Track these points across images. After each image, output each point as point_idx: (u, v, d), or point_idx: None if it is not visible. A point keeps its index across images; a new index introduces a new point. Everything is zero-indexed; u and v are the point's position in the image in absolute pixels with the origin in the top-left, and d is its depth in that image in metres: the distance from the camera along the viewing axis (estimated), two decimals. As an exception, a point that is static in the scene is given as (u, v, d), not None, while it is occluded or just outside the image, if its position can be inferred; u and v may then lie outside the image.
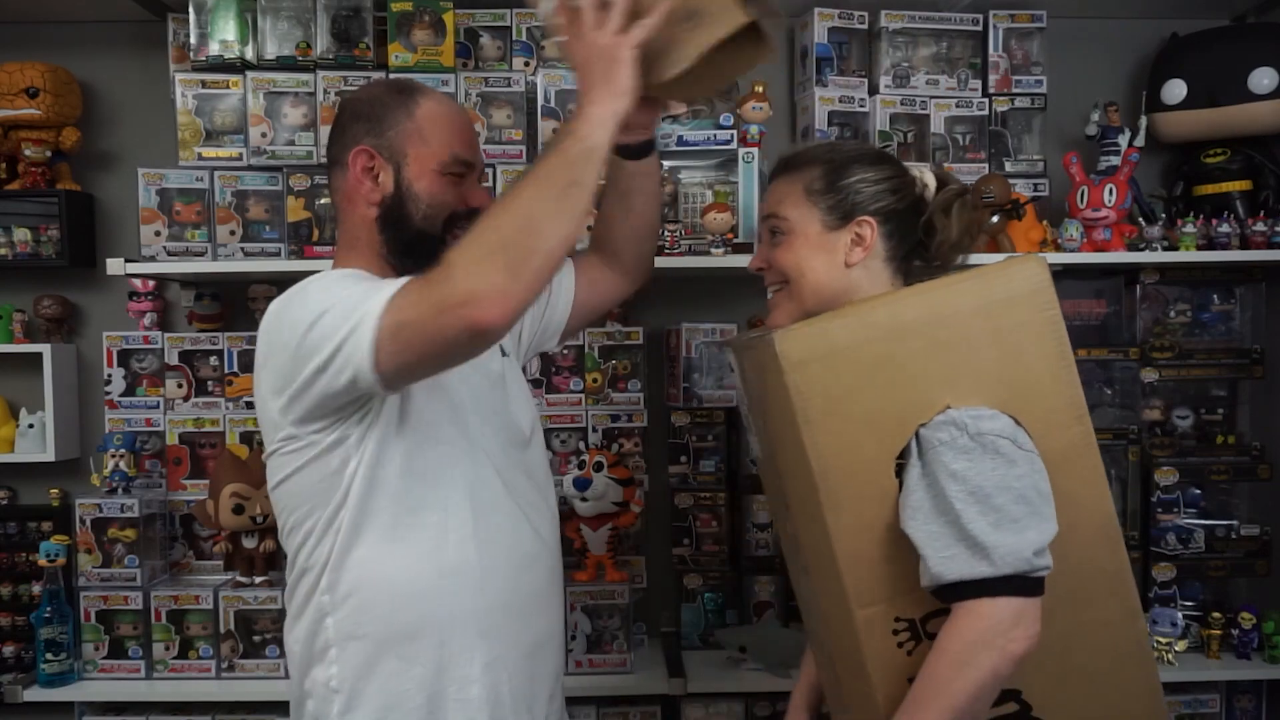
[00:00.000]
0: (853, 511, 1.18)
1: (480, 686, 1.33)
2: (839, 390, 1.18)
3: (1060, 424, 1.21)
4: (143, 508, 2.09)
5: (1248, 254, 2.14)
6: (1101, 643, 1.24)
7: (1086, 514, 1.22)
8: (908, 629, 1.19)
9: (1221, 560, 2.19)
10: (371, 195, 1.36)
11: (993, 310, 1.19)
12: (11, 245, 2.22)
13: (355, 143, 1.36)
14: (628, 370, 2.21)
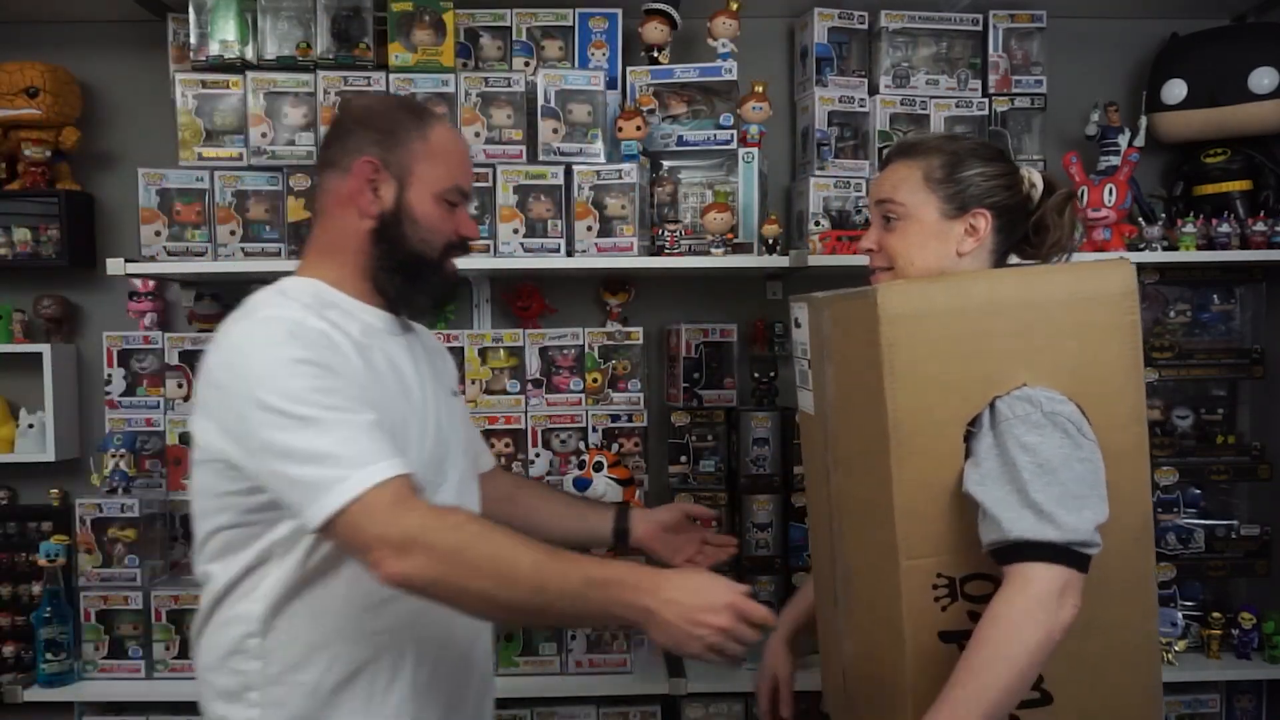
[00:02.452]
0: (917, 467, 1.23)
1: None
2: (926, 350, 1.23)
3: (1121, 424, 1.26)
4: (143, 508, 2.09)
5: (1248, 254, 2.14)
6: (1117, 638, 1.27)
7: (1129, 513, 1.26)
8: (947, 586, 1.24)
9: (1221, 560, 2.19)
10: (369, 207, 1.34)
11: (1080, 304, 1.26)
12: (11, 245, 2.22)
13: (360, 151, 1.34)
14: (628, 370, 2.21)
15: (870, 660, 1.35)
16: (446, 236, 1.37)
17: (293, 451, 1.17)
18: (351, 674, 1.29)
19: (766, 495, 2.21)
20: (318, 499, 1.15)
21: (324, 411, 1.18)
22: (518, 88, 2.12)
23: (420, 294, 1.40)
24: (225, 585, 1.29)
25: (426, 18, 2.11)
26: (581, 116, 2.14)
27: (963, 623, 1.23)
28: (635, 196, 2.08)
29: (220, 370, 1.25)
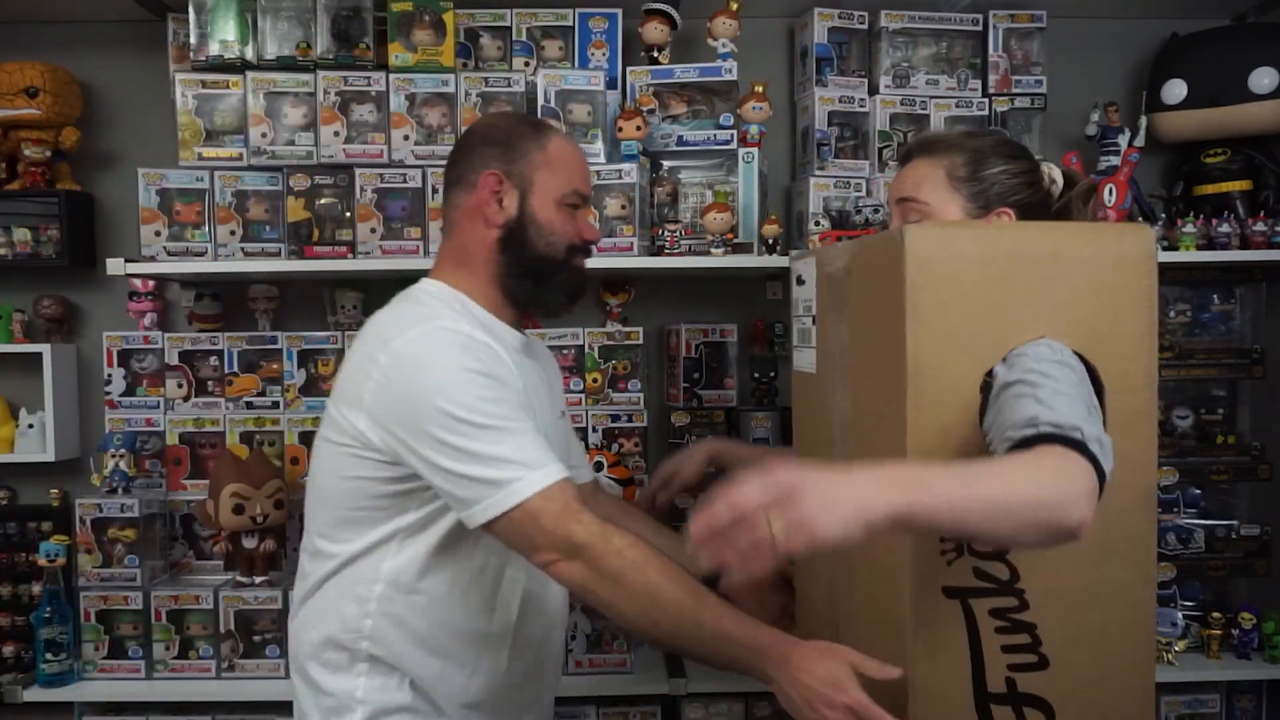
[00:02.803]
0: (932, 414, 1.22)
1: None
2: (950, 295, 1.21)
3: (1132, 386, 1.26)
4: (143, 508, 2.09)
5: (1248, 254, 2.14)
6: (1117, 603, 1.27)
7: (1134, 476, 1.25)
8: (953, 542, 1.23)
9: (1221, 560, 2.19)
10: (495, 217, 1.43)
11: (1103, 264, 1.25)
12: (11, 245, 2.22)
13: (485, 165, 1.44)
14: (628, 370, 2.21)
15: (868, 620, 1.35)
16: (569, 239, 1.47)
17: (470, 454, 1.26)
18: (445, 664, 1.39)
19: (766, 495, 2.20)
20: (490, 496, 1.25)
21: (497, 420, 1.28)
22: (518, 88, 2.12)
23: (549, 295, 1.49)
24: (340, 562, 1.38)
25: (426, 18, 2.11)
26: (581, 116, 2.14)
27: (967, 579, 1.23)
28: (635, 196, 2.08)
29: (392, 371, 1.31)
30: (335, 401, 1.39)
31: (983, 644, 1.23)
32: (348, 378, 1.38)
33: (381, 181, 2.08)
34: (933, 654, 1.23)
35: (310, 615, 1.42)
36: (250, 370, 2.21)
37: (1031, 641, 1.24)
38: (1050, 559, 1.23)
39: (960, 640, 1.23)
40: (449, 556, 1.37)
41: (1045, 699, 1.25)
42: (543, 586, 1.49)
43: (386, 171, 2.09)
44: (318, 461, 1.42)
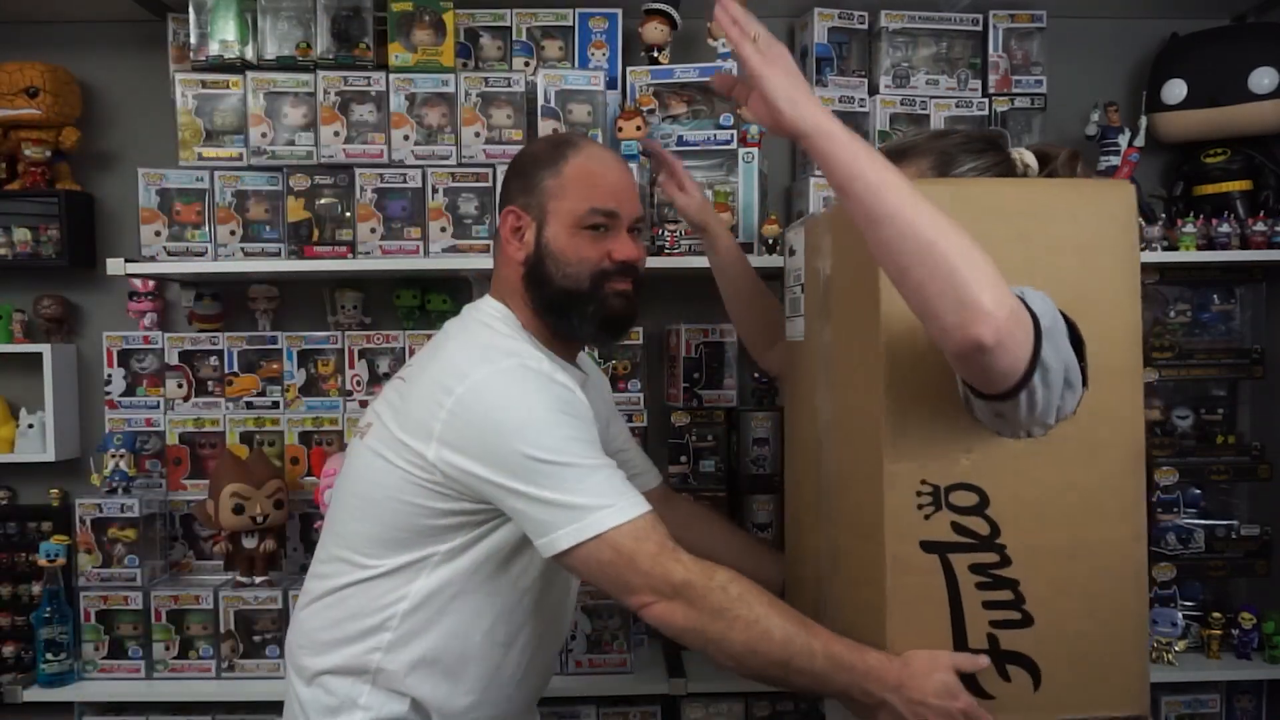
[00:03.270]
0: (908, 370, 1.22)
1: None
2: None
3: (1117, 343, 1.25)
4: (143, 508, 2.09)
5: (1248, 254, 2.14)
6: (1105, 562, 1.26)
7: (1121, 435, 1.25)
8: (931, 494, 1.22)
9: (1221, 560, 2.19)
10: (517, 254, 1.41)
11: (1082, 219, 1.25)
12: (11, 245, 2.22)
13: (508, 200, 1.43)
14: (628, 370, 2.21)
15: (849, 581, 1.34)
16: (593, 264, 1.39)
17: (554, 488, 1.23)
18: (453, 688, 1.38)
19: (766, 495, 2.21)
20: (573, 523, 1.23)
21: (580, 459, 1.26)
22: (518, 88, 2.12)
23: (577, 325, 1.42)
24: (371, 575, 1.35)
25: (426, 18, 2.11)
26: (581, 116, 2.14)
27: (945, 533, 1.22)
28: (635, 196, 2.08)
29: (471, 406, 1.28)
30: (393, 421, 1.34)
31: (963, 600, 1.22)
32: (416, 402, 1.33)
33: (381, 181, 2.08)
34: (911, 609, 1.22)
35: (325, 616, 1.39)
36: (250, 370, 2.21)
37: (1014, 598, 1.23)
38: (1030, 514, 1.23)
39: (940, 596, 1.22)
40: (485, 586, 1.36)
41: (1030, 657, 1.24)
42: (562, 624, 1.50)
43: (386, 171, 2.09)
44: (360, 471, 1.38)
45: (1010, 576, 1.23)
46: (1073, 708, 1.27)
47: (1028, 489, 1.23)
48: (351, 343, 2.18)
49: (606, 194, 1.40)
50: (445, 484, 1.29)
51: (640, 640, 2.17)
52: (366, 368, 2.18)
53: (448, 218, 2.08)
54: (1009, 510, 1.23)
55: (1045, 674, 1.24)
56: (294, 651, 1.45)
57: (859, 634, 1.28)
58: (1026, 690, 1.24)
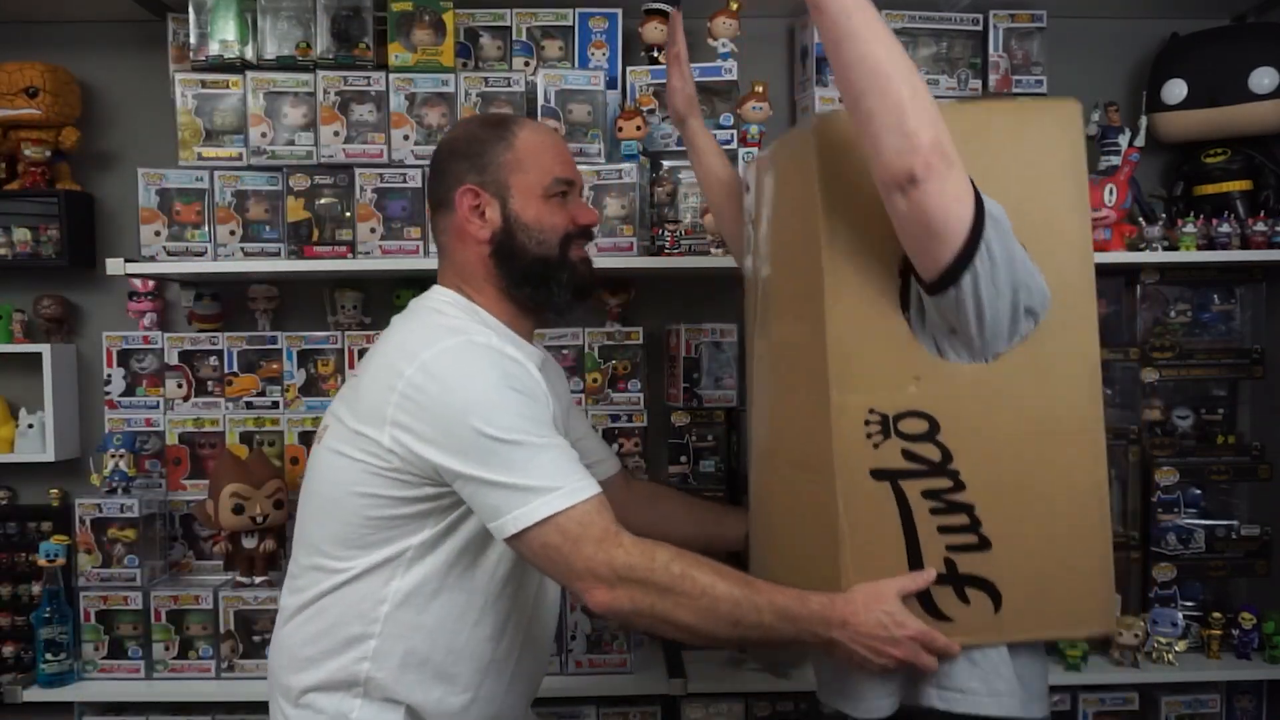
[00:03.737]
0: (850, 301, 1.23)
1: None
2: (860, 177, 1.20)
3: (1067, 262, 1.25)
4: (143, 508, 2.09)
5: (1248, 254, 2.14)
6: (1064, 481, 1.26)
7: (1072, 353, 1.26)
8: (880, 423, 1.23)
9: (1221, 560, 2.19)
10: (481, 232, 1.40)
11: (1026, 137, 1.25)
12: (11, 245, 2.22)
13: (459, 182, 1.40)
14: (628, 370, 2.21)
15: (804, 517, 1.34)
16: (561, 230, 1.42)
17: (505, 469, 1.23)
18: (447, 690, 1.36)
19: (766, 495, 2.21)
20: (522, 506, 1.22)
21: (531, 437, 1.25)
22: (518, 88, 2.12)
23: (557, 295, 1.44)
24: (344, 579, 1.34)
25: (426, 18, 2.11)
26: (581, 116, 2.14)
27: (896, 460, 1.22)
28: (635, 196, 2.08)
29: (422, 386, 1.27)
30: (348, 415, 1.34)
31: (917, 526, 1.23)
32: (365, 392, 1.33)
33: (381, 181, 2.08)
34: (865, 539, 1.23)
35: (306, 630, 1.37)
36: (250, 370, 2.21)
37: (970, 522, 1.23)
38: (984, 438, 1.23)
39: (893, 524, 1.23)
40: (463, 579, 1.35)
41: (989, 580, 1.24)
42: (547, 613, 1.49)
43: (386, 171, 2.09)
44: (320, 473, 1.38)
45: (965, 501, 1.23)
46: (1035, 628, 1.27)
47: (979, 413, 1.23)
48: (351, 343, 2.18)
49: (563, 164, 1.44)
50: (403, 469, 1.28)
51: (640, 640, 2.17)
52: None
53: (448, 218, 2.08)
54: (961, 435, 1.23)
55: (1005, 596, 1.24)
56: (277, 672, 1.41)
57: (816, 569, 1.28)
58: (986, 612, 1.25)
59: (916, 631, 1.22)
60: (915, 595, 1.23)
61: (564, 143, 1.51)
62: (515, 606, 1.41)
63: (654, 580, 1.22)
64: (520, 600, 1.41)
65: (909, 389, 1.22)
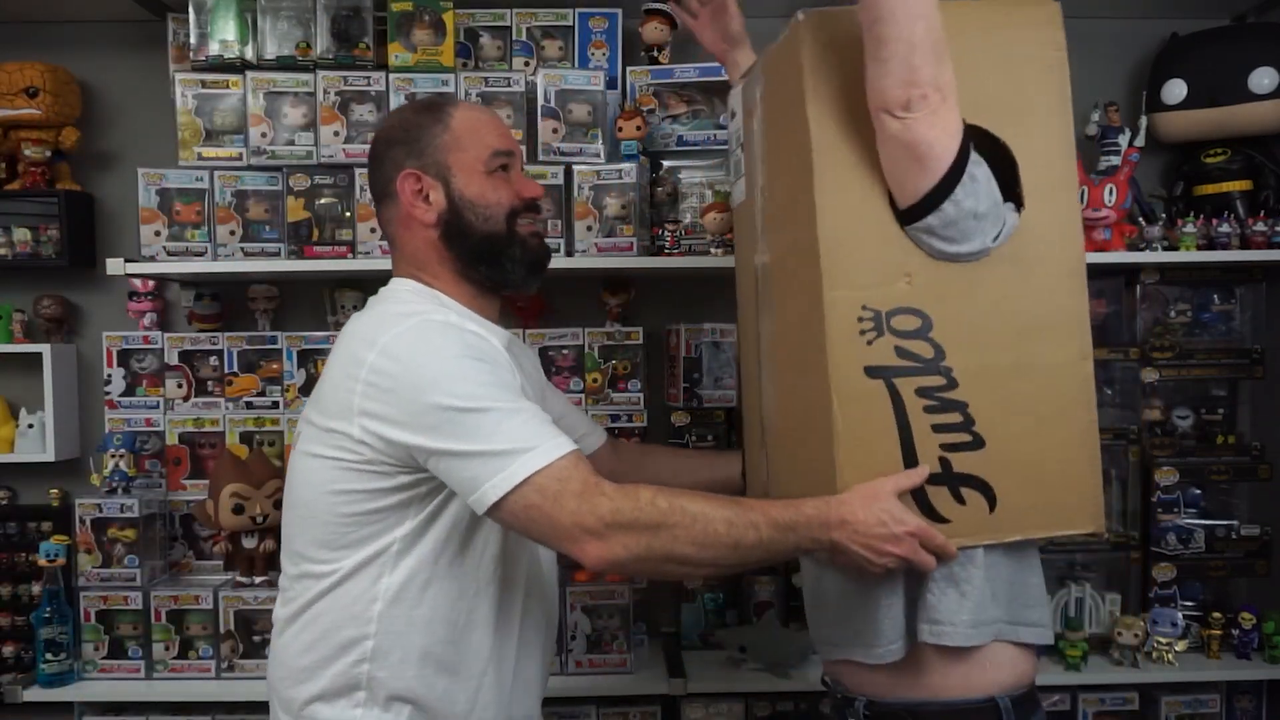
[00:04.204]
0: (840, 196, 1.24)
1: None
2: (847, 76, 1.23)
3: (1048, 158, 1.28)
4: (143, 508, 2.09)
5: (1248, 254, 2.14)
6: (1051, 381, 1.28)
7: (1056, 251, 1.28)
8: (873, 320, 1.24)
9: (1221, 560, 2.19)
10: (426, 216, 1.38)
11: (1003, 34, 1.28)
12: (11, 245, 2.22)
13: (398, 169, 1.38)
14: (628, 370, 2.21)
15: (798, 425, 1.35)
16: (507, 205, 1.40)
17: (475, 438, 1.21)
18: (451, 682, 1.34)
19: (766, 495, 2.21)
20: (500, 472, 1.20)
21: (498, 403, 1.23)
22: (518, 88, 2.12)
23: (510, 269, 1.42)
24: (332, 582, 1.32)
25: (426, 17, 2.11)
26: (581, 116, 2.14)
27: (889, 358, 1.23)
28: (635, 196, 2.08)
29: (383, 369, 1.26)
30: (317, 415, 1.33)
31: (911, 424, 1.24)
32: (331, 388, 1.31)
33: (381, 181, 2.08)
34: (860, 437, 1.23)
35: (301, 640, 1.34)
36: (250, 370, 2.21)
37: (964, 420, 1.25)
38: (974, 336, 1.25)
39: (887, 422, 1.24)
40: (453, 566, 1.33)
41: (983, 479, 1.26)
42: (544, 591, 1.47)
43: (386, 171, 2.08)
44: (297, 478, 1.36)
45: (958, 399, 1.24)
46: (1030, 528, 1.29)
47: (969, 310, 1.25)
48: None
49: (500, 136, 1.42)
50: (375, 459, 1.27)
51: (640, 640, 2.17)
52: (366, 368, 2.18)
53: (448, 218, 2.08)
54: (952, 332, 1.24)
55: (1000, 495, 1.26)
56: (276, 686, 1.38)
57: (812, 477, 1.28)
58: (982, 512, 1.26)
59: (915, 527, 1.22)
60: (913, 497, 1.24)
61: (499, 117, 1.50)
62: (510, 588, 1.39)
63: (642, 519, 1.20)
64: (514, 581, 1.39)
65: (900, 285, 1.24)
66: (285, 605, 1.38)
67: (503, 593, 1.38)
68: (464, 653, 1.35)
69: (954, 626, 1.27)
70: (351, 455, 1.28)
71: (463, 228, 1.38)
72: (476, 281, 1.41)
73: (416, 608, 1.32)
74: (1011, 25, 1.29)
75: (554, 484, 1.20)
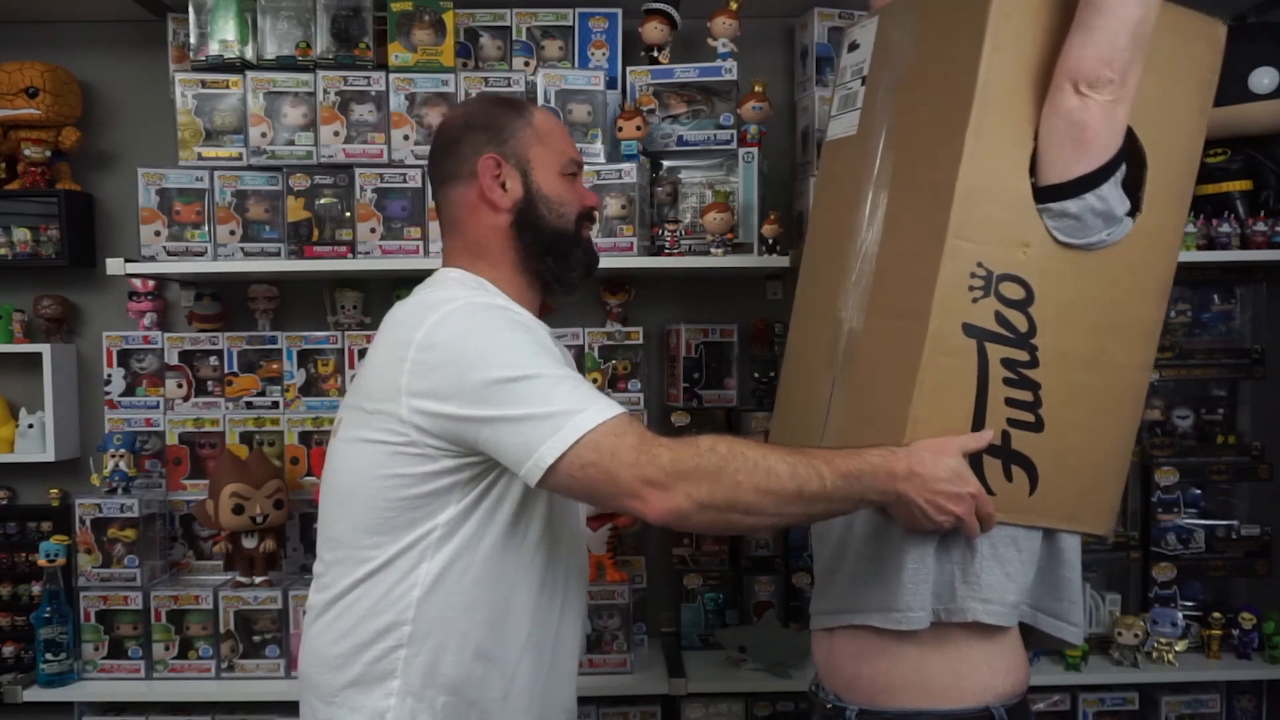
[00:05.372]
0: (990, 144, 1.25)
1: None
2: (1034, 30, 1.25)
3: (1173, 171, 1.32)
4: (143, 508, 2.09)
5: (1248, 254, 2.14)
6: (1114, 383, 1.32)
7: (1157, 259, 1.33)
8: (984, 280, 1.25)
9: (1221, 560, 2.19)
10: (503, 201, 1.39)
11: (1170, 40, 1.31)
12: (11, 245, 2.22)
13: (478, 153, 1.38)
14: (628, 370, 2.21)
15: (872, 368, 1.35)
16: (576, 207, 1.44)
17: (525, 404, 1.20)
18: (488, 669, 1.33)
19: (766, 495, 2.21)
20: (553, 435, 1.18)
21: (544, 370, 1.23)
22: (518, 87, 2.12)
23: (572, 269, 1.44)
24: (372, 568, 1.31)
25: (426, 17, 2.11)
26: (581, 116, 2.14)
27: (988, 320, 1.25)
28: (635, 196, 2.08)
29: (429, 350, 1.26)
30: (363, 399, 1.33)
31: (989, 390, 1.25)
32: (377, 372, 1.32)
33: (381, 181, 2.08)
34: (939, 390, 1.24)
35: (337, 626, 1.33)
36: (250, 370, 2.21)
37: (1033, 401, 1.27)
38: (1066, 321, 1.28)
39: (969, 383, 1.25)
40: (494, 552, 1.31)
41: (1033, 460, 1.28)
42: (578, 578, 1.46)
43: (386, 171, 2.09)
44: (338, 465, 1.36)
45: (1035, 378, 1.27)
46: (1057, 518, 1.32)
47: (1069, 294, 1.27)
48: (351, 343, 2.18)
49: (572, 146, 1.47)
50: (421, 442, 1.26)
51: (640, 640, 2.17)
52: (366, 368, 2.18)
53: (448, 218, 2.08)
54: (1049, 311, 1.26)
55: (1042, 480, 1.28)
56: (309, 673, 1.37)
57: (879, 424, 1.29)
58: (1023, 493, 1.28)
59: (977, 489, 1.22)
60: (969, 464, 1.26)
61: (567, 129, 1.55)
62: (549, 576, 1.38)
63: (703, 466, 1.17)
64: (553, 568, 1.38)
65: (1018, 253, 1.25)
66: (321, 592, 1.38)
67: (542, 580, 1.37)
68: (502, 640, 1.34)
69: (1002, 606, 1.29)
70: (398, 438, 1.27)
71: (535, 220, 1.40)
72: (533, 273, 1.42)
73: (455, 594, 1.30)
74: (1179, 34, 1.31)
75: (610, 440, 1.17)
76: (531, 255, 1.41)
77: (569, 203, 1.42)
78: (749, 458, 1.18)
